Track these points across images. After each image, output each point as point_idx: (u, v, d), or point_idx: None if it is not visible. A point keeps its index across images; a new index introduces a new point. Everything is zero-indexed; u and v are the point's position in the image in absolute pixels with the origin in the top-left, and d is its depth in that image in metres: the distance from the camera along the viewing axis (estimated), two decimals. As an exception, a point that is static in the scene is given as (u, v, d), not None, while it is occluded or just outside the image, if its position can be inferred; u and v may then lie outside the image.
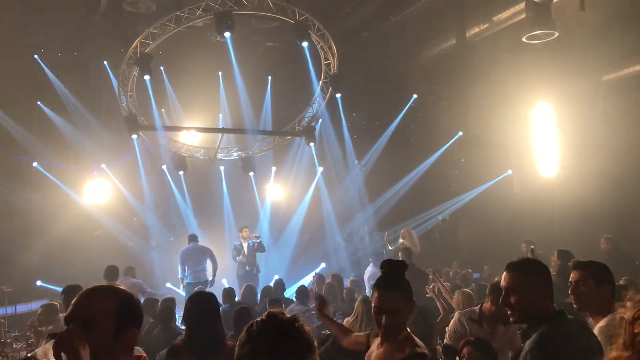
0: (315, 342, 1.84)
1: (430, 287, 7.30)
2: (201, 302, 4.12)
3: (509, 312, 2.88)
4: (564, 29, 9.91)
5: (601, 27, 10.59)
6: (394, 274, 3.12)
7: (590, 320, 3.36)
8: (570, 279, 3.40)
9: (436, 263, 12.39)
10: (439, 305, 6.47)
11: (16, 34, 11.68)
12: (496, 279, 8.79)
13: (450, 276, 11.09)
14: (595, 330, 3.04)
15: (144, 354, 2.17)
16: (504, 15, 11.32)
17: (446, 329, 6.06)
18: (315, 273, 11.06)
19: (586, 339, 2.74)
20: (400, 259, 9.51)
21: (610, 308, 3.14)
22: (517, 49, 11.42)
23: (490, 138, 13.46)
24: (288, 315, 1.86)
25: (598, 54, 11.13)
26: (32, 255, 11.77)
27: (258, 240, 12.17)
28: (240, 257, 12.09)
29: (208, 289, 9.91)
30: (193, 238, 11.61)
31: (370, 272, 10.83)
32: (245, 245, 12.16)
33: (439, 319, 6.22)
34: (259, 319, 1.84)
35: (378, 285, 3.09)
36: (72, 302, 2.02)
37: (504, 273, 2.91)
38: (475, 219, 14.79)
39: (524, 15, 10.31)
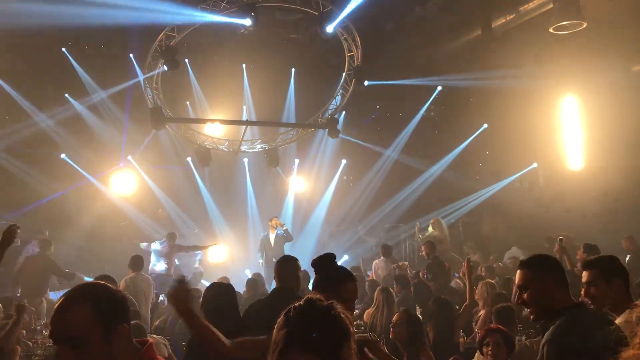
0: (351, 329, 1.84)
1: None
2: (217, 293, 4.17)
3: (528, 310, 2.90)
4: (592, 19, 9.72)
5: (630, 16, 10.37)
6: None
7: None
8: (582, 279, 3.38)
9: (460, 257, 12.36)
10: (467, 292, 6.39)
11: (44, 28, 11.83)
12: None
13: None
14: None
15: (151, 340, 2.09)
16: (530, 5, 11.12)
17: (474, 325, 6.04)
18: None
19: (606, 332, 2.72)
20: (423, 251, 9.50)
21: (626, 302, 3.11)
22: (544, 40, 11.24)
23: (515, 130, 13.30)
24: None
25: (627, 44, 10.90)
26: (60, 245, 11.99)
27: (284, 229, 12.17)
28: (264, 256, 12.05)
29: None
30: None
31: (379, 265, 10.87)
32: (272, 236, 12.13)
33: (461, 310, 6.19)
34: (296, 304, 1.83)
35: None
36: (51, 320, 1.90)
37: (517, 271, 2.95)
38: (499, 212, 14.66)
39: (551, 6, 10.14)
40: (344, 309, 1.86)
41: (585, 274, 3.33)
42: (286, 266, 4.33)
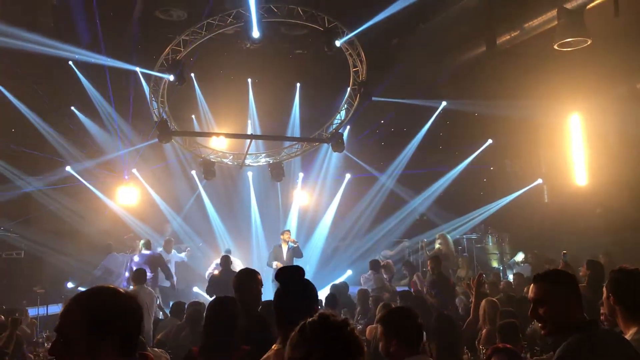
0: (364, 347, 1.84)
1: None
2: (216, 308, 4.15)
3: (540, 325, 2.86)
4: (597, 36, 9.73)
5: (635, 33, 10.39)
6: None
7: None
8: None
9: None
10: (472, 303, 6.37)
11: (51, 41, 11.93)
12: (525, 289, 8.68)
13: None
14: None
15: (151, 355, 2.07)
16: (535, 22, 11.14)
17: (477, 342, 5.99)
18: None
19: (620, 350, 2.69)
20: (429, 266, 9.45)
21: (630, 321, 3.07)
22: (548, 56, 11.26)
23: (520, 146, 13.29)
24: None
25: (632, 61, 10.91)
26: (63, 258, 12.01)
27: (295, 245, 11.99)
28: (276, 262, 11.84)
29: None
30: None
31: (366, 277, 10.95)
32: (285, 248, 11.94)
33: (464, 326, 6.13)
34: (310, 320, 1.82)
35: None
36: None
37: (532, 285, 2.92)
38: (504, 228, 14.61)
39: (555, 22, 10.16)
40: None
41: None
42: (243, 280, 4.49)
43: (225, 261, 10.00)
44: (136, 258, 10.78)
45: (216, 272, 10.85)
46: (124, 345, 1.90)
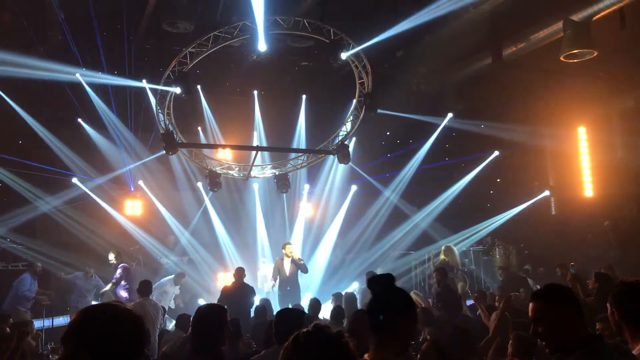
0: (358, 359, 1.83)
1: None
2: (207, 314, 4.11)
3: (543, 343, 2.82)
4: (603, 48, 9.72)
5: (642, 45, 10.38)
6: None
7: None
8: None
9: (472, 285, 12.22)
10: (495, 322, 6.31)
11: (59, 54, 12.01)
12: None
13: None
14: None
15: None
16: (541, 34, 11.15)
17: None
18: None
19: None
20: (434, 279, 9.38)
21: (638, 336, 3.01)
22: (555, 68, 11.24)
23: (527, 158, 13.24)
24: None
25: (638, 73, 10.89)
26: (69, 270, 12.00)
27: (301, 263, 11.77)
28: (278, 278, 11.70)
29: None
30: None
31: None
32: (287, 261, 11.58)
33: (484, 340, 6.05)
34: (305, 330, 1.82)
35: None
36: None
37: (530, 304, 2.86)
38: (511, 241, 14.53)
39: (561, 34, 10.15)
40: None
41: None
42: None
43: (240, 274, 9.86)
44: (119, 271, 11.04)
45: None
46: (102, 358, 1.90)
